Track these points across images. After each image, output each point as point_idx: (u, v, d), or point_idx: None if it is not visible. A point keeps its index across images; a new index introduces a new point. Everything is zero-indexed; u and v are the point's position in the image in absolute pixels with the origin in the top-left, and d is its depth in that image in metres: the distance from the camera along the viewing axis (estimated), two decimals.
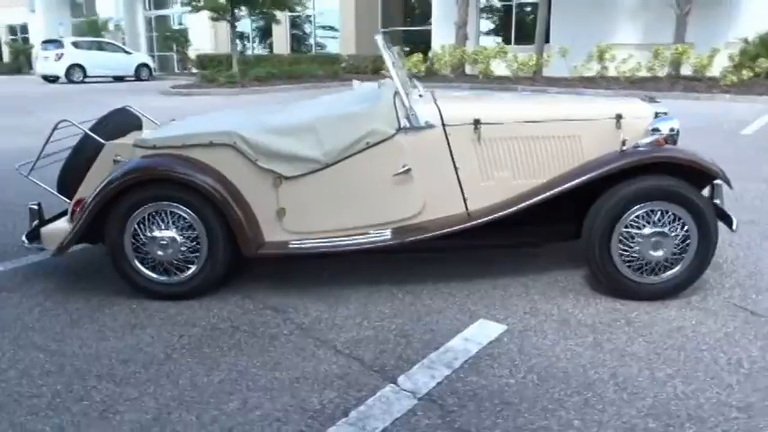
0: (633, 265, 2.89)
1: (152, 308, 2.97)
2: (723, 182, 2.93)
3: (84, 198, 3.06)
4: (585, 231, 2.91)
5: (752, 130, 8.72)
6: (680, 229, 2.84)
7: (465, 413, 2.10)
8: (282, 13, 21.13)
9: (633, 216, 2.85)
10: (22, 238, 3.19)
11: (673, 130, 3.07)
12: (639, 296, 2.93)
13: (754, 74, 13.71)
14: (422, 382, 2.29)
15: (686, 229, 2.84)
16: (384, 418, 2.09)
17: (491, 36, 21.47)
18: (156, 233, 2.94)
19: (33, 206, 3.29)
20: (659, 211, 2.84)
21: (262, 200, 3.01)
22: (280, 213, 3.02)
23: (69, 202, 3.29)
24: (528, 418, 2.07)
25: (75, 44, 23.11)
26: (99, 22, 29.27)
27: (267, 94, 15.97)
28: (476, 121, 3.02)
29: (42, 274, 3.44)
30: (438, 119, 3.01)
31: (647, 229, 2.84)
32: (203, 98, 15.34)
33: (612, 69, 15.66)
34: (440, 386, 2.27)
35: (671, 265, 2.89)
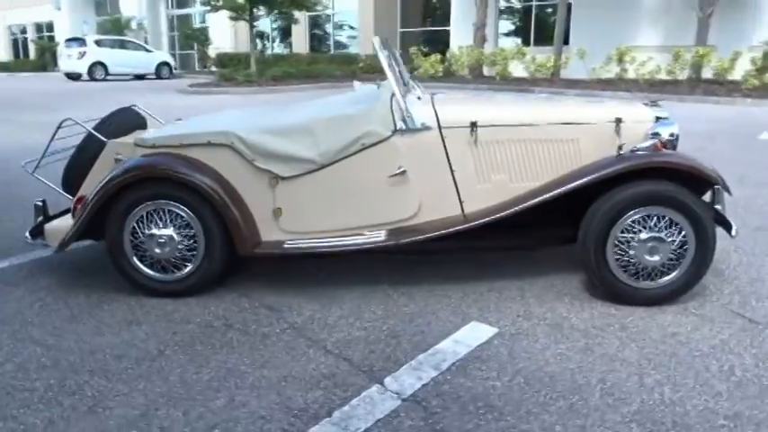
0: (629, 269, 2.87)
1: (149, 304, 3.01)
2: (722, 188, 2.90)
3: (86, 195, 3.11)
4: (581, 235, 2.89)
5: None
6: (677, 235, 2.82)
7: (448, 415, 2.11)
8: (301, 12, 21.21)
9: (629, 221, 2.82)
10: (26, 234, 3.25)
11: (672, 134, 3.05)
12: (635, 301, 2.90)
13: None
14: (408, 384, 2.30)
15: (683, 234, 2.82)
16: (367, 418, 2.10)
17: (510, 37, 21.31)
18: (155, 231, 2.98)
19: (38, 202, 3.36)
20: (656, 216, 2.81)
21: (258, 199, 3.04)
22: (276, 213, 3.04)
23: (73, 199, 3.35)
24: (510, 421, 2.07)
25: (98, 42, 23.49)
26: (122, 20, 29.68)
27: (284, 93, 16.05)
28: (472, 124, 3.02)
29: (47, 270, 3.50)
30: (434, 121, 3.01)
31: (643, 234, 2.82)
32: (220, 97, 15.48)
33: (632, 72, 15.49)
34: (425, 388, 2.27)
35: (668, 270, 2.87)
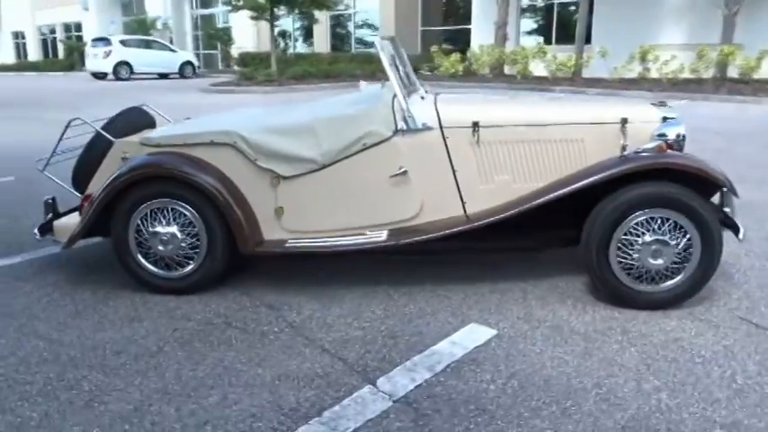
0: (632, 272, 2.83)
1: (153, 301, 3.05)
2: (729, 191, 2.84)
3: (93, 193, 3.16)
4: (584, 236, 2.86)
5: None
6: (682, 238, 2.77)
7: (438, 417, 2.10)
8: (321, 12, 21.27)
9: (633, 223, 2.78)
10: (35, 230, 3.31)
11: (679, 135, 3.00)
12: (638, 305, 2.86)
13: None
14: (400, 385, 2.29)
15: (688, 237, 2.76)
16: (357, 418, 2.10)
17: (533, 36, 21.13)
18: (159, 229, 3.02)
19: (48, 200, 3.42)
20: (660, 219, 2.77)
21: (260, 199, 3.05)
22: (278, 212, 3.06)
23: (81, 196, 3.40)
24: (500, 425, 2.05)
25: (123, 42, 23.83)
26: (148, 20, 30.07)
27: (303, 92, 16.11)
28: (474, 124, 3.00)
29: (56, 266, 3.57)
30: (436, 121, 3.00)
31: (647, 237, 2.77)
32: (240, 96, 15.60)
33: (655, 71, 15.25)
34: (418, 389, 2.26)
35: (672, 274, 2.82)
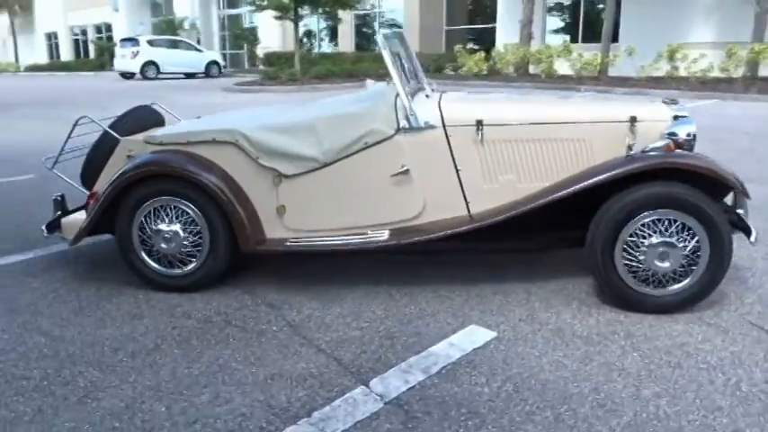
0: (638, 275, 2.75)
1: (156, 299, 3.07)
2: (740, 192, 2.74)
3: (98, 191, 3.19)
4: (590, 237, 2.79)
5: None
6: (690, 240, 2.69)
7: (428, 420, 2.06)
8: (345, 11, 21.29)
9: (639, 224, 2.71)
10: (42, 227, 3.36)
11: (690, 134, 2.91)
12: (645, 308, 2.78)
13: None
14: (393, 386, 2.26)
15: (696, 240, 2.68)
16: (346, 419, 2.07)
17: (559, 34, 20.86)
18: (162, 226, 3.03)
19: (57, 197, 3.47)
20: (667, 220, 2.69)
21: (263, 197, 3.05)
22: (280, 211, 3.05)
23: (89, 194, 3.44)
24: (491, 430, 2.01)
25: (150, 42, 24.17)
26: (175, 21, 30.45)
27: (326, 91, 16.12)
28: (478, 122, 2.95)
29: (64, 263, 3.61)
30: (439, 119, 2.96)
31: (653, 239, 2.70)
32: (263, 95, 15.69)
33: (683, 69, 14.94)
34: (411, 391, 2.23)
35: (679, 277, 2.74)
